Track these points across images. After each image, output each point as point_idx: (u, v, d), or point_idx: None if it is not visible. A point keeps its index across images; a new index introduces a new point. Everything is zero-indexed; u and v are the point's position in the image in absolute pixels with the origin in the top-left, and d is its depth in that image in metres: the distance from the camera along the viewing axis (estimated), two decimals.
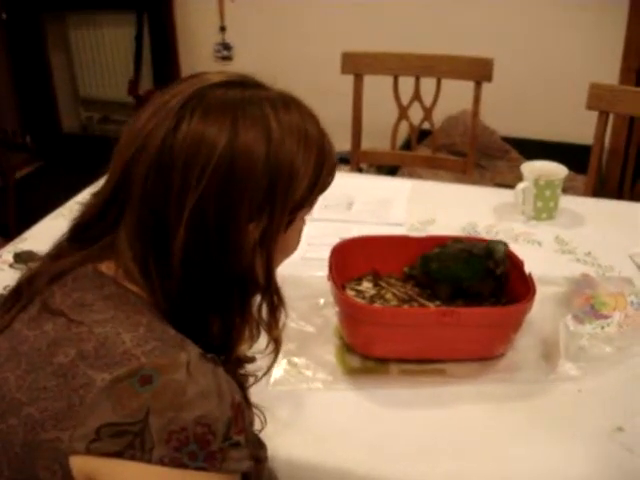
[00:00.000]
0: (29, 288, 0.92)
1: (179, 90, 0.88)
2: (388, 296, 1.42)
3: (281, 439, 1.14)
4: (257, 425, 1.00)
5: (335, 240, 1.46)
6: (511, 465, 1.12)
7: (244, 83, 0.91)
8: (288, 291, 1.47)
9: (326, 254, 1.39)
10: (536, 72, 3.48)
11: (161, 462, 0.75)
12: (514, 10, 3.44)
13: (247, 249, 0.88)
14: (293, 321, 1.40)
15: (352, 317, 1.31)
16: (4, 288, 1.35)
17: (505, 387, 1.27)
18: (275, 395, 1.25)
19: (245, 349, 1.00)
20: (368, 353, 1.32)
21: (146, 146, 0.85)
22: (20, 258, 1.59)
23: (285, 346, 1.33)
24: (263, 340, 0.99)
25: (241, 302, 0.92)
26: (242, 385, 0.97)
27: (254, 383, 1.02)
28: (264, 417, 1.03)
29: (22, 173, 3.94)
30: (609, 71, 3.14)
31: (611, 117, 2.24)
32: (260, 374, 1.03)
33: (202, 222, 0.84)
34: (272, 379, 1.27)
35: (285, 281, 1.50)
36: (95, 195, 0.94)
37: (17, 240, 1.71)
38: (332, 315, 1.40)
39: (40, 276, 0.92)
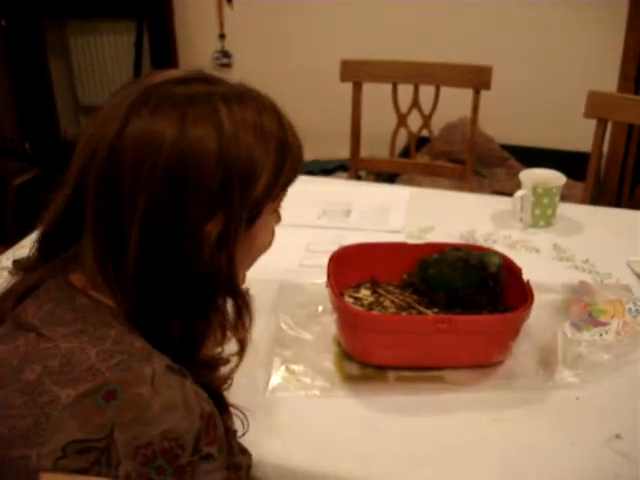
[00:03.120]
0: (2, 304, 0.91)
1: (129, 91, 0.86)
2: (386, 303, 1.42)
3: (278, 446, 1.14)
4: (239, 429, 1.00)
5: (333, 247, 1.46)
6: (509, 472, 1.12)
7: (197, 79, 0.89)
8: (286, 298, 1.49)
9: (324, 261, 1.39)
10: (535, 80, 3.49)
11: (128, 478, 0.74)
12: (513, 18, 3.46)
13: (205, 249, 0.85)
14: (291, 328, 1.41)
15: (350, 324, 1.31)
16: None
17: (503, 394, 1.27)
18: (273, 402, 1.24)
19: (215, 351, 0.98)
20: (366, 360, 1.32)
21: (96, 150, 0.84)
22: (19, 265, 1.58)
23: (283, 353, 1.34)
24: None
25: (203, 304, 0.90)
26: (218, 389, 0.96)
27: (228, 386, 1.00)
28: (247, 420, 1.02)
29: (21, 180, 3.93)
30: (607, 79, 3.15)
31: (609, 125, 2.25)
32: (230, 378, 1.00)
33: (155, 224, 0.82)
34: (270, 386, 1.27)
35: (283, 288, 1.52)
36: (53, 203, 0.92)
37: (16, 247, 1.71)
38: (330, 322, 1.40)
39: (10, 294, 0.91)
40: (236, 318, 0.94)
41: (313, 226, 1.83)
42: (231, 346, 0.98)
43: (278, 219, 1.01)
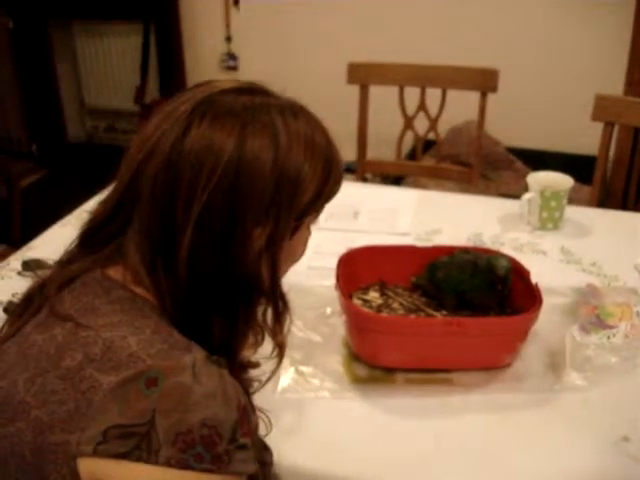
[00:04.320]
0: (40, 295, 0.93)
1: (188, 97, 0.89)
2: (395, 306, 1.43)
3: (287, 446, 1.15)
4: (262, 430, 1.01)
5: (341, 249, 1.46)
6: (517, 474, 1.12)
7: (253, 90, 0.91)
8: (295, 300, 1.48)
9: (332, 263, 1.40)
10: (541, 83, 3.50)
11: (167, 463, 0.75)
12: (520, 21, 3.46)
13: (252, 254, 0.88)
14: (300, 330, 1.41)
15: (359, 326, 1.32)
16: (13, 295, 1.37)
17: (511, 397, 1.27)
18: (282, 403, 1.25)
19: (249, 354, 1.00)
20: (375, 362, 1.33)
21: (155, 152, 0.86)
22: (28, 266, 1.59)
23: (292, 355, 1.35)
24: (268, 345, 0.99)
25: (246, 307, 0.92)
26: (246, 390, 0.98)
27: (259, 389, 1.02)
28: (269, 421, 1.03)
29: (27, 182, 3.94)
30: (614, 82, 3.15)
31: (616, 128, 2.25)
32: (264, 379, 1.03)
33: (209, 226, 0.85)
34: (279, 387, 1.28)
35: (292, 290, 1.52)
36: (103, 201, 0.94)
37: (25, 248, 1.72)
38: (339, 324, 1.41)
39: (50, 283, 0.93)
40: (275, 322, 0.96)
41: (320, 228, 1.82)
42: (260, 349, 1.00)
43: (309, 233, 1.03)
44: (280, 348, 0.99)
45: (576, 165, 2.39)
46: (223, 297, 0.89)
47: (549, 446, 1.17)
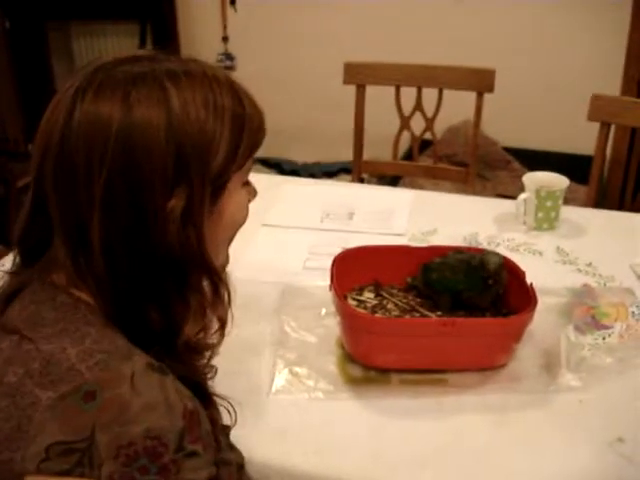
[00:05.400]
0: None
1: (75, 78, 0.85)
2: (390, 306, 1.43)
3: (281, 448, 1.15)
4: (227, 420, 0.99)
5: (336, 250, 1.46)
6: (512, 475, 1.12)
7: (138, 58, 0.87)
8: (290, 301, 1.49)
9: (327, 264, 1.39)
10: (538, 83, 3.49)
11: (110, 478, 0.74)
12: (516, 21, 3.46)
13: (171, 227, 0.83)
14: (294, 331, 1.41)
15: (354, 327, 1.31)
16: None
17: (506, 397, 1.27)
18: (276, 404, 1.25)
19: (198, 336, 0.95)
20: (369, 363, 1.32)
21: (49, 145, 0.83)
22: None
23: (286, 355, 1.35)
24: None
25: (178, 285, 0.88)
26: (202, 378, 0.96)
27: (213, 376, 0.99)
28: (234, 410, 1.01)
29: (23, 182, 3.93)
30: (611, 82, 3.15)
31: (613, 128, 2.25)
32: (214, 366, 0.99)
33: (115, 209, 0.81)
34: (274, 388, 1.28)
35: (286, 290, 1.52)
36: (21, 210, 0.91)
37: None
38: (334, 325, 1.41)
39: (1, 295, 0.91)
40: (213, 295, 0.92)
41: (316, 229, 1.83)
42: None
43: (252, 193, 0.99)
44: (220, 321, 0.94)
45: (572, 165, 2.39)
46: (151, 281, 0.85)
47: (544, 447, 1.16)
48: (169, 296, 0.87)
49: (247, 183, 0.98)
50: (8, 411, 0.78)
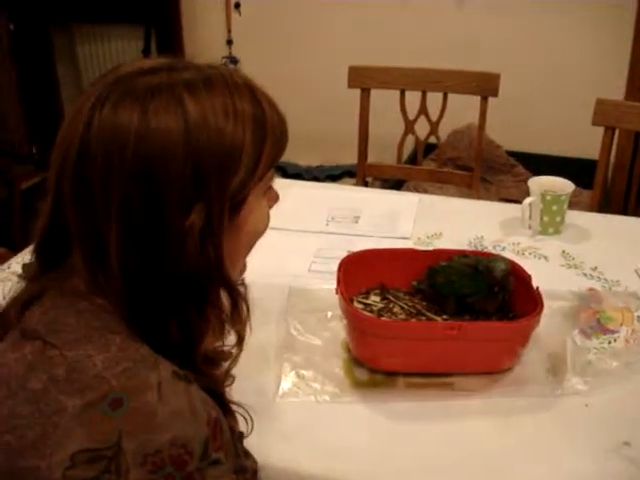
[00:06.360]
0: (9, 312, 0.90)
1: (95, 88, 0.85)
2: (396, 310, 1.43)
3: (288, 451, 1.15)
4: (242, 426, 0.99)
5: (342, 253, 1.46)
6: (518, 478, 1.12)
7: (155, 69, 0.86)
8: (296, 304, 1.49)
9: (333, 267, 1.40)
10: (542, 87, 3.50)
11: None
12: (520, 25, 3.46)
13: (190, 243, 0.82)
14: (301, 334, 1.41)
15: (360, 330, 1.31)
16: None
17: (512, 401, 1.27)
18: (283, 407, 1.25)
19: (215, 346, 0.96)
20: (375, 366, 1.32)
21: (68, 151, 0.83)
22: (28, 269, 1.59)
23: (293, 358, 1.35)
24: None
25: (197, 300, 0.87)
26: (220, 387, 0.96)
27: (230, 383, 1.00)
28: (251, 419, 1.02)
29: (28, 184, 3.93)
30: (615, 87, 3.15)
31: (617, 133, 2.25)
32: (232, 375, 1.00)
33: (132, 222, 0.81)
34: (280, 391, 1.28)
35: (293, 294, 1.52)
36: (40, 216, 0.91)
37: (25, 251, 1.72)
38: (340, 328, 1.41)
39: (16, 300, 0.91)
40: (232, 310, 0.92)
41: (321, 232, 1.83)
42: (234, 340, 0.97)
43: (274, 199, 0.99)
44: (238, 336, 0.94)
45: (577, 169, 2.38)
46: (169, 296, 0.85)
47: (550, 451, 1.16)
48: (188, 311, 0.87)
49: (269, 188, 0.97)
50: (32, 418, 0.77)
